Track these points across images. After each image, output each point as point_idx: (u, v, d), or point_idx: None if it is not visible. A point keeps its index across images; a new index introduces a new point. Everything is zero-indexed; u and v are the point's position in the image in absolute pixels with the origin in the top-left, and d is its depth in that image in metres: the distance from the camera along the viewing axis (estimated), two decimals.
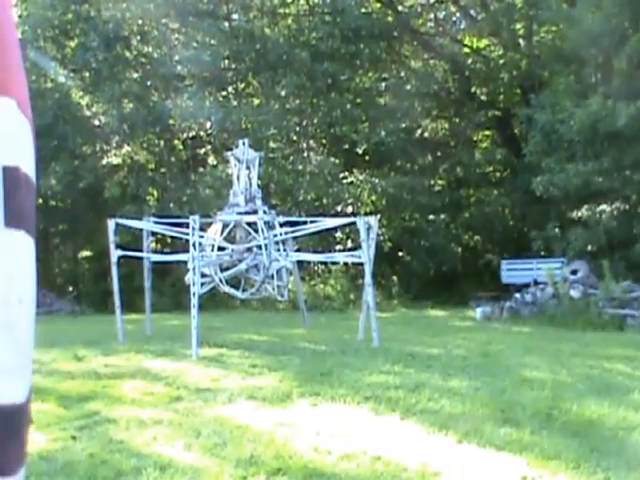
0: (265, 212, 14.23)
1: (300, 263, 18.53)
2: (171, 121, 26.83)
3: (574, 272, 18.47)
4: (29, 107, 1.25)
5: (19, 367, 1.20)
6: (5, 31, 1.21)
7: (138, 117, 25.95)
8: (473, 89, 30.08)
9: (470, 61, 30.27)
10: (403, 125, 28.24)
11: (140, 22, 27.45)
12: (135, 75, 28.10)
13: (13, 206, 1.18)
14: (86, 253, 30.89)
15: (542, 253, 23.26)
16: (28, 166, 1.23)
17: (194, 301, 12.31)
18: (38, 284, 1.27)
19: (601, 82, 21.75)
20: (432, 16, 32.28)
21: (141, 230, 15.77)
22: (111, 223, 14.53)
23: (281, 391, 8.46)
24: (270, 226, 14.09)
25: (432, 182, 29.14)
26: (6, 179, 1.17)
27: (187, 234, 13.23)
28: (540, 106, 22.17)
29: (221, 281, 14.03)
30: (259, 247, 13.75)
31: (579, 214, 20.88)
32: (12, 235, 1.18)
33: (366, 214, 20.81)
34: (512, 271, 23.14)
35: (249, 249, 13.99)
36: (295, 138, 28.70)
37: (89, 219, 26.99)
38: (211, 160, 28.62)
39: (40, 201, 26.14)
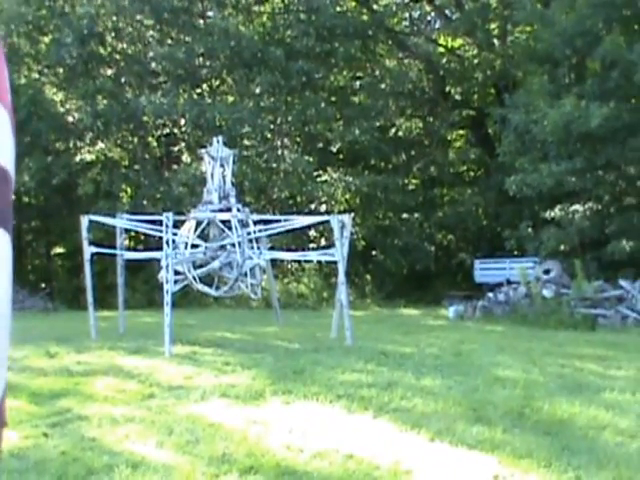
0: (239, 210, 14.20)
1: (274, 261, 18.56)
2: (145, 118, 26.69)
3: (547, 272, 18.57)
4: (8, 97, 1.20)
5: None
6: None
7: (112, 114, 25.80)
8: (447, 88, 30.18)
9: (444, 60, 30.40)
10: (377, 124, 28.33)
11: (114, 18, 27.32)
12: (109, 72, 27.94)
13: None
14: (59, 250, 30.79)
15: (515, 252, 23.36)
16: (6, 159, 1.18)
17: (167, 298, 12.29)
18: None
19: (575, 83, 21.82)
20: (407, 15, 32.45)
21: (114, 227, 15.70)
22: (84, 220, 14.46)
23: (254, 389, 8.45)
24: (244, 224, 14.08)
25: (406, 181, 29.23)
26: None
27: (160, 231, 13.21)
28: (514, 106, 22.23)
29: (194, 279, 14.00)
30: (233, 245, 13.73)
31: (552, 214, 20.95)
32: None
33: (340, 212, 20.76)
34: (485, 270, 23.20)
35: (223, 247, 13.97)
36: (269, 136, 28.63)
37: (62, 216, 26.87)
38: (185, 157, 28.46)
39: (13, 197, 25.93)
